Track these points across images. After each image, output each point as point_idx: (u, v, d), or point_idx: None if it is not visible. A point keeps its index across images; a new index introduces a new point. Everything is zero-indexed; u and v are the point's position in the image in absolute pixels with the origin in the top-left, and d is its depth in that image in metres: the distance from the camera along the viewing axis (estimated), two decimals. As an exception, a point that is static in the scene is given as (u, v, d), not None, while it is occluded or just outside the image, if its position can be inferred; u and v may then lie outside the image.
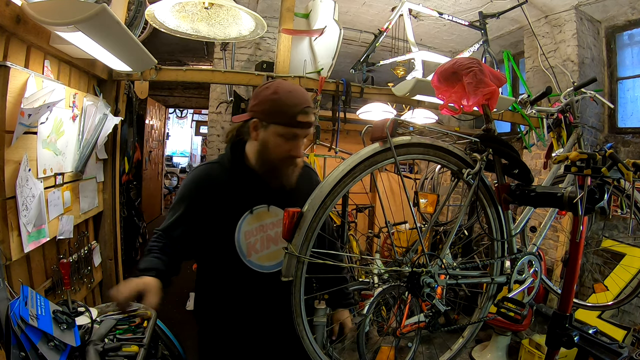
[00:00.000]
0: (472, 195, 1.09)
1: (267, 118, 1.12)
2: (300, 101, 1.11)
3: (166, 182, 8.91)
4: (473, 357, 3.12)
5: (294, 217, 0.90)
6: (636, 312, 2.84)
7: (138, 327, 1.78)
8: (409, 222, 3.66)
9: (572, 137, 1.86)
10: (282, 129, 1.10)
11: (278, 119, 1.10)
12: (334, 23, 2.84)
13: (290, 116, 1.09)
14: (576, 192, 0.98)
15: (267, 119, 1.12)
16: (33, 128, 1.44)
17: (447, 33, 4.25)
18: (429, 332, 2.98)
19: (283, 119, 1.10)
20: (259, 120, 1.13)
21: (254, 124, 1.14)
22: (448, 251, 1.11)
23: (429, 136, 1.10)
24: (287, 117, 1.10)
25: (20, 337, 1.11)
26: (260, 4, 3.75)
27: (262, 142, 1.14)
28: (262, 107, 1.12)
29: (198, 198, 1.19)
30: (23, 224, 1.36)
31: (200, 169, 1.25)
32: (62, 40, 1.46)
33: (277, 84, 1.14)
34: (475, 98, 1.08)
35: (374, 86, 2.87)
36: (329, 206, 0.90)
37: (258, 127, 1.13)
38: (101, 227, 2.24)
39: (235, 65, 4.03)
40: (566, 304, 1.15)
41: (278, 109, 1.10)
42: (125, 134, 2.56)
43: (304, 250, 0.87)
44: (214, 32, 1.72)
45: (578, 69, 3.27)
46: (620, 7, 3.21)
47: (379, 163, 0.96)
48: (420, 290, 0.99)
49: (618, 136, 3.33)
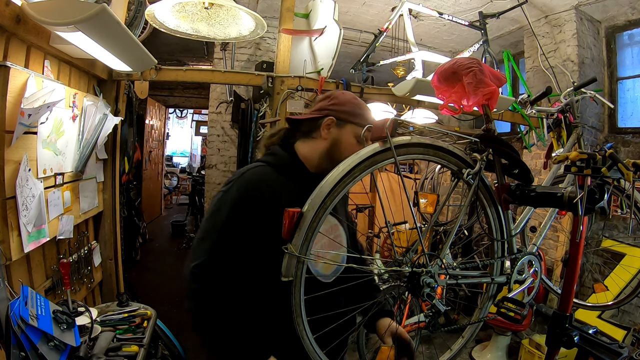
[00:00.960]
0: (472, 195, 1.09)
1: (347, 117, 1.14)
2: (371, 111, 1.19)
3: (166, 182, 8.92)
4: (473, 357, 3.12)
5: (294, 217, 0.90)
6: (636, 312, 2.84)
7: (138, 327, 1.79)
8: (409, 222, 3.66)
9: (572, 137, 1.87)
10: (358, 130, 1.13)
11: (358, 120, 1.14)
12: (334, 23, 2.84)
13: (366, 119, 1.15)
14: (576, 192, 0.98)
15: (346, 118, 1.14)
16: (33, 128, 1.44)
17: (447, 33, 4.25)
18: (429, 332, 2.98)
19: (361, 119, 1.14)
20: (336, 118, 1.13)
21: (328, 122, 1.13)
22: (448, 251, 1.11)
23: (429, 136, 1.10)
24: (364, 118, 1.14)
25: (20, 337, 1.11)
26: (260, 4, 3.75)
27: (335, 140, 1.13)
28: (342, 107, 1.14)
29: (257, 209, 1.02)
30: (23, 224, 1.36)
31: (252, 172, 1.08)
32: (62, 40, 1.46)
33: (352, 94, 1.20)
34: (475, 98, 1.08)
35: (374, 86, 2.87)
36: (329, 206, 0.90)
37: (332, 125, 1.14)
38: (101, 227, 2.24)
39: (235, 65, 4.03)
40: (566, 304, 1.15)
41: (360, 111, 1.15)
42: (125, 134, 2.56)
43: (303, 250, 0.88)
44: (214, 32, 1.72)
45: (578, 69, 3.27)
46: (620, 7, 3.21)
47: (378, 163, 0.96)
48: (420, 290, 0.99)
49: (618, 136, 3.33)
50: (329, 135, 1.14)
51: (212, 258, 1.01)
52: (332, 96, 1.18)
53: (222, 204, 1.04)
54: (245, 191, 1.04)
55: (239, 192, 1.04)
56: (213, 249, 1.01)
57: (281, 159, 1.14)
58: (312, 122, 1.16)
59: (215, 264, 1.01)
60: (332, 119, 1.13)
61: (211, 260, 1.01)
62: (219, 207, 1.04)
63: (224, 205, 1.03)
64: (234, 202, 1.03)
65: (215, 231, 1.03)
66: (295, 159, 1.14)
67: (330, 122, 1.14)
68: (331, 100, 1.16)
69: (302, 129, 1.18)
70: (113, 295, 2.22)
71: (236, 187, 1.05)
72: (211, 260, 1.01)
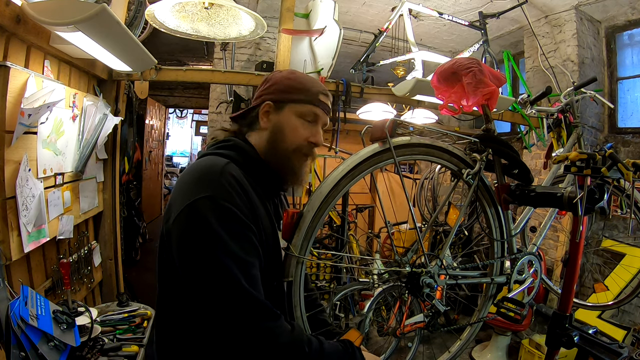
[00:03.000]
0: (472, 195, 1.09)
1: (283, 96, 0.94)
2: (319, 83, 0.99)
3: (166, 182, 8.91)
4: (473, 357, 3.12)
5: (294, 217, 0.90)
6: (636, 312, 2.84)
7: (138, 327, 1.79)
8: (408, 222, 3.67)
9: (572, 137, 1.87)
10: (302, 107, 0.94)
11: (296, 96, 0.94)
12: (334, 23, 2.84)
13: (312, 93, 0.94)
14: (576, 192, 0.98)
15: (283, 98, 0.94)
16: (33, 128, 1.43)
17: (447, 33, 4.25)
18: (429, 332, 2.99)
19: (303, 95, 0.94)
20: (272, 101, 0.95)
21: (265, 108, 0.95)
22: (448, 251, 1.11)
23: (428, 136, 1.10)
24: (308, 94, 0.94)
25: (20, 337, 1.11)
26: (260, 4, 3.75)
27: (276, 127, 0.94)
28: (276, 87, 0.96)
29: (255, 214, 0.84)
30: (23, 224, 1.36)
31: (227, 169, 0.82)
32: (62, 40, 1.46)
33: (289, 70, 1.02)
34: (475, 98, 1.09)
35: (374, 86, 2.87)
36: (328, 206, 0.91)
37: (270, 110, 0.95)
38: (101, 227, 2.24)
39: (235, 65, 4.02)
40: (566, 304, 1.15)
41: (297, 85, 0.95)
42: (125, 134, 2.56)
43: (303, 250, 0.88)
44: (214, 32, 1.72)
45: (578, 69, 3.27)
46: (620, 7, 3.21)
47: (378, 163, 0.97)
48: (420, 290, 0.99)
49: (618, 136, 3.33)
50: (268, 123, 0.95)
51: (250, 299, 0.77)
52: (267, 79, 0.99)
53: (209, 230, 0.76)
54: (238, 195, 0.81)
55: (234, 193, 0.80)
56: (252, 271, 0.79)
57: (235, 154, 0.90)
58: (251, 111, 0.98)
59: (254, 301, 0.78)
60: (269, 103, 0.95)
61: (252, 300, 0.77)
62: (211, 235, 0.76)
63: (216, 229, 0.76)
64: (236, 206, 0.79)
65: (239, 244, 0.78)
66: (260, 156, 0.94)
67: (266, 108, 0.95)
68: (266, 83, 0.98)
69: (246, 122, 0.99)
70: (113, 295, 2.22)
71: (228, 188, 0.80)
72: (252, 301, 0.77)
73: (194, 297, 0.78)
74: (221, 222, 0.76)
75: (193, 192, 0.77)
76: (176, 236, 0.78)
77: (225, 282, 0.74)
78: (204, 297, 0.76)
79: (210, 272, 0.75)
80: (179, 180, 0.85)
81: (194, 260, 0.76)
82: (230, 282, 0.74)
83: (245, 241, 0.79)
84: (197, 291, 0.77)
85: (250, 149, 0.93)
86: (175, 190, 0.83)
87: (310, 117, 0.95)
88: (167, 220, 0.80)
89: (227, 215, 0.77)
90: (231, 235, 0.76)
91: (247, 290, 0.75)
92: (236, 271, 0.75)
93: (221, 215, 0.76)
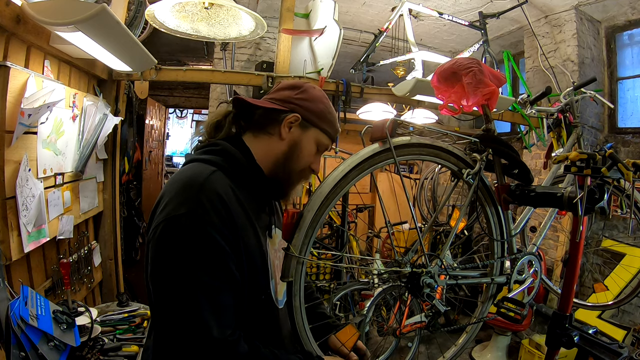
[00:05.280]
0: (472, 195, 1.09)
1: (314, 119, 0.93)
2: (337, 121, 1.02)
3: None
4: (473, 357, 3.12)
5: (294, 217, 0.90)
6: (636, 312, 2.84)
7: (138, 327, 1.79)
8: (409, 222, 3.67)
9: (572, 137, 1.87)
10: (324, 138, 0.96)
11: (324, 126, 0.95)
12: (334, 23, 2.84)
13: (335, 130, 0.98)
14: (576, 192, 0.98)
15: (312, 120, 0.93)
16: (33, 128, 1.43)
17: (447, 33, 4.25)
18: (429, 332, 2.99)
19: (329, 128, 0.96)
20: (302, 117, 0.91)
21: (292, 118, 0.91)
22: (448, 251, 1.11)
23: (428, 136, 1.10)
24: (333, 129, 0.97)
25: (20, 337, 1.11)
26: (260, 4, 3.75)
27: (294, 143, 0.92)
28: (312, 106, 0.93)
29: (237, 236, 0.80)
30: (23, 224, 1.36)
31: (209, 182, 0.79)
32: (62, 40, 1.46)
33: (323, 92, 1.00)
34: (475, 98, 1.08)
35: (374, 86, 2.87)
36: (328, 206, 0.91)
37: (296, 124, 0.92)
38: (101, 227, 2.24)
39: (235, 65, 4.02)
40: (566, 304, 1.15)
41: (329, 116, 0.96)
42: (125, 134, 2.56)
43: (303, 250, 0.88)
44: (214, 32, 1.72)
45: (578, 69, 3.27)
46: (620, 7, 3.21)
47: (378, 164, 0.97)
48: (420, 290, 0.99)
49: (618, 136, 3.34)
50: (288, 135, 0.92)
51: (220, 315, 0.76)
52: (301, 88, 0.94)
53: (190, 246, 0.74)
54: (220, 220, 0.76)
55: (214, 219, 0.76)
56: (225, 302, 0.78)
57: (228, 161, 0.86)
58: (271, 113, 0.92)
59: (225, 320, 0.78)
60: (298, 116, 0.91)
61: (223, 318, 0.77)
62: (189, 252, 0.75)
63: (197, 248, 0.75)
64: (215, 230, 0.76)
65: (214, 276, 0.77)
66: (253, 163, 0.90)
67: (294, 119, 0.91)
68: (300, 93, 0.93)
69: (255, 119, 0.94)
70: (113, 295, 2.22)
71: (207, 211, 0.75)
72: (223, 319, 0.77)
73: (159, 318, 0.82)
74: (194, 247, 0.74)
75: (174, 205, 0.76)
76: (151, 254, 0.79)
77: (186, 313, 0.74)
78: (166, 321, 0.79)
79: (174, 299, 0.75)
80: (165, 186, 0.84)
81: (161, 284, 0.77)
82: (191, 313, 0.74)
83: (217, 268, 0.76)
84: (162, 314, 0.80)
85: (240, 155, 0.88)
86: (161, 196, 0.82)
87: (322, 149, 0.98)
88: (149, 227, 0.81)
89: (201, 239, 0.74)
90: (202, 262, 0.75)
91: (206, 325, 0.73)
92: (201, 300, 0.74)
93: (195, 240, 0.74)
